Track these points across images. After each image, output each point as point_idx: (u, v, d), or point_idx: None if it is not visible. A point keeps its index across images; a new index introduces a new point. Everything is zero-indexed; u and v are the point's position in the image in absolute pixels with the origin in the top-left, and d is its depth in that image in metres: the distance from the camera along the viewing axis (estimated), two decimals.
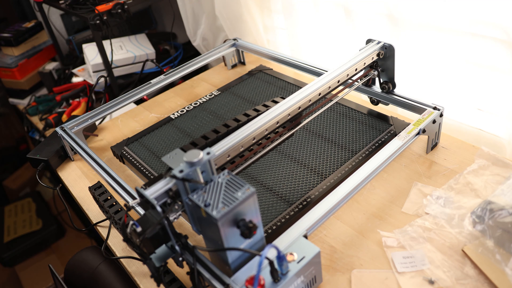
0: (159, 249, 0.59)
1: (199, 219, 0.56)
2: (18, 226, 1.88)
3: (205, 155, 0.55)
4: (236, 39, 1.20)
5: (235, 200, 0.52)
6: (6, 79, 1.68)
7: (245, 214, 0.54)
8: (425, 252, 0.63)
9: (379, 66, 0.86)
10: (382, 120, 0.88)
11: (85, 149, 0.88)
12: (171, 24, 1.72)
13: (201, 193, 0.54)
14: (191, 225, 0.59)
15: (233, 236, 0.54)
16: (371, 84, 0.91)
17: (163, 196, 0.56)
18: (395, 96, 0.86)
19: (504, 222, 0.60)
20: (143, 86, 1.05)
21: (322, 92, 0.77)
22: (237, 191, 0.53)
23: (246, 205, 0.53)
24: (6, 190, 2.16)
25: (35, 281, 1.73)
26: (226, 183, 0.55)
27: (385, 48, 0.83)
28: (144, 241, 0.53)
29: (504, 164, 0.75)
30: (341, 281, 0.62)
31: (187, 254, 0.58)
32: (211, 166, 0.56)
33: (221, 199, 0.53)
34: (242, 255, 0.57)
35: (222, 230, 0.52)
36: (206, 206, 0.52)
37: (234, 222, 0.53)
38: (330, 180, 0.76)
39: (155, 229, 0.53)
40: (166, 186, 0.56)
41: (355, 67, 0.81)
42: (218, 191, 0.54)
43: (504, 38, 0.74)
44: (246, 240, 0.56)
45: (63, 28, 1.78)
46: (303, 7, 1.10)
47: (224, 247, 0.54)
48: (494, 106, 0.84)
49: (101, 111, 0.99)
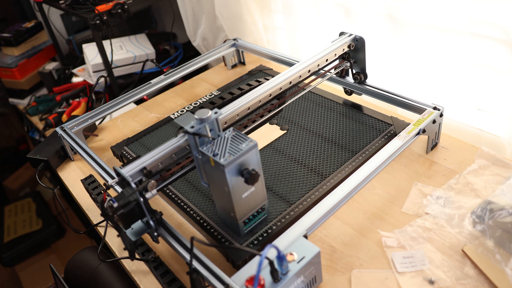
0: (135, 225, 0.64)
1: (208, 170, 0.63)
2: (18, 226, 1.88)
3: (213, 114, 0.63)
4: (236, 39, 1.20)
5: (240, 151, 0.59)
6: (6, 79, 1.68)
7: (248, 164, 0.61)
8: (425, 252, 0.63)
9: (351, 57, 0.90)
10: (382, 120, 0.88)
11: (85, 149, 0.88)
12: (171, 24, 1.72)
13: (209, 146, 0.61)
14: (200, 179, 0.66)
15: (238, 184, 0.61)
16: (345, 75, 0.95)
17: (138, 174, 0.61)
18: (367, 86, 0.90)
19: (504, 222, 0.60)
20: (143, 86, 1.05)
21: (293, 80, 0.81)
22: (241, 144, 0.61)
23: (249, 156, 0.60)
24: (6, 190, 2.16)
25: (35, 281, 1.73)
26: (231, 138, 0.62)
27: (356, 40, 0.87)
28: (120, 216, 0.58)
29: (504, 164, 0.75)
30: (341, 281, 0.62)
31: (161, 229, 0.64)
32: (218, 124, 0.64)
33: (227, 150, 0.60)
34: (249, 206, 0.65)
35: (228, 176, 0.59)
36: (214, 156, 0.59)
37: (238, 171, 0.60)
38: (330, 180, 0.76)
39: (130, 204, 0.58)
40: (141, 165, 0.61)
41: (326, 57, 0.84)
42: (225, 144, 0.61)
43: (504, 38, 0.74)
44: (249, 189, 0.63)
45: (63, 28, 1.78)
46: (303, 7, 1.10)
47: (230, 194, 0.61)
48: (494, 106, 0.84)
49: (101, 111, 0.99)
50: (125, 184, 0.60)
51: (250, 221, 0.68)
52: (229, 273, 0.58)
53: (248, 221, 0.67)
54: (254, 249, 0.64)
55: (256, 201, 0.67)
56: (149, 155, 0.63)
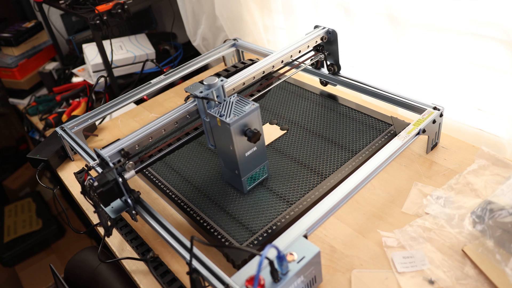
0: (115, 204, 0.69)
1: (215, 132, 0.72)
2: (18, 226, 1.88)
3: (219, 81, 0.72)
4: (236, 39, 1.20)
5: (244, 112, 0.67)
6: (6, 79, 1.68)
7: (251, 124, 0.69)
8: (425, 252, 0.63)
9: (325, 50, 0.94)
10: (382, 120, 0.88)
11: (85, 149, 0.88)
12: (171, 24, 1.72)
13: (216, 109, 0.69)
14: (208, 141, 0.75)
15: (242, 142, 0.69)
16: (320, 67, 0.99)
17: (116, 155, 0.67)
18: (341, 77, 0.95)
19: (504, 222, 0.60)
20: (143, 86, 1.05)
21: (266, 70, 0.85)
22: (244, 106, 0.69)
23: (252, 117, 0.69)
24: (6, 190, 2.16)
25: (35, 281, 1.73)
26: (235, 102, 0.70)
27: (329, 33, 0.91)
28: (99, 194, 0.63)
29: (504, 164, 0.75)
30: (341, 281, 0.62)
31: (139, 207, 0.69)
32: (223, 90, 0.72)
33: (232, 112, 0.68)
34: (251, 164, 0.74)
35: (233, 135, 0.67)
36: (221, 116, 0.67)
37: (242, 130, 0.68)
38: (330, 180, 0.76)
39: (108, 184, 0.63)
40: (119, 147, 0.67)
41: (299, 49, 0.89)
42: (230, 107, 0.69)
43: (504, 38, 0.74)
44: (252, 147, 0.72)
45: (63, 28, 1.78)
46: (303, 7, 1.10)
47: (235, 152, 0.69)
48: (494, 106, 0.84)
49: (101, 111, 0.99)
50: (105, 165, 0.65)
51: (253, 179, 0.76)
52: (229, 273, 0.58)
53: (251, 179, 0.75)
54: (254, 249, 0.64)
55: (257, 160, 0.75)
56: (127, 137, 0.69)
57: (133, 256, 0.73)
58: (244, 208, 0.74)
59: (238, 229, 0.70)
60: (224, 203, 0.75)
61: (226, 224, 0.71)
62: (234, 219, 0.72)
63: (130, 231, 0.78)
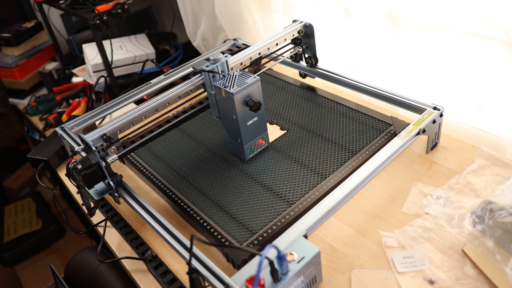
0: (98, 186, 0.73)
1: (219, 103, 0.79)
2: (18, 226, 1.88)
3: (224, 56, 0.79)
4: (236, 39, 1.19)
5: (246, 83, 0.74)
6: (6, 79, 1.68)
7: (252, 95, 0.75)
8: (425, 252, 0.63)
9: (303, 43, 0.98)
10: (382, 120, 0.88)
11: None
12: (171, 24, 1.72)
13: (221, 81, 0.76)
14: (213, 113, 0.82)
15: (244, 112, 0.76)
16: (299, 59, 1.04)
17: (99, 140, 0.71)
18: (318, 69, 0.99)
19: (504, 222, 0.60)
20: (143, 86, 1.05)
21: (244, 61, 0.88)
22: (246, 79, 0.75)
23: (253, 88, 0.75)
24: (6, 190, 2.16)
25: (35, 281, 1.73)
26: (238, 75, 0.77)
27: (306, 27, 0.95)
28: (83, 176, 0.66)
29: (504, 164, 0.75)
30: (341, 281, 0.62)
31: (121, 190, 0.73)
32: (227, 65, 0.79)
33: (236, 83, 0.75)
34: (252, 134, 0.81)
35: (236, 104, 0.74)
36: (225, 87, 0.74)
37: (244, 101, 0.75)
38: (330, 180, 0.76)
39: (92, 167, 0.67)
40: (102, 132, 0.71)
41: (276, 42, 0.92)
42: (233, 79, 0.76)
43: (504, 38, 0.74)
44: (253, 117, 0.78)
45: (63, 28, 1.77)
46: (303, 7, 1.10)
47: (238, 121, 0.76)
48: (494, 106, 0.84)
49: (101, 111, 0.99)
50: (88, 149, 0.69)
51: (254, 148, 0.83)
52: (229, 273, 0.58)
53: (252, 147, 0.82)
54: (254, 249, 0.64)
55: (258, 130, 0.81)
56: (109, 123, 0.73)
57: (129, 256, 0.73)
58: (244, 208, 0.74)
59: (238, 229, 0.70)
60: (224, 203, 0.76)
61: (226, 224, 0.71)
62: (234, 219, 0.72)
63: (130, 231, 0.78)
